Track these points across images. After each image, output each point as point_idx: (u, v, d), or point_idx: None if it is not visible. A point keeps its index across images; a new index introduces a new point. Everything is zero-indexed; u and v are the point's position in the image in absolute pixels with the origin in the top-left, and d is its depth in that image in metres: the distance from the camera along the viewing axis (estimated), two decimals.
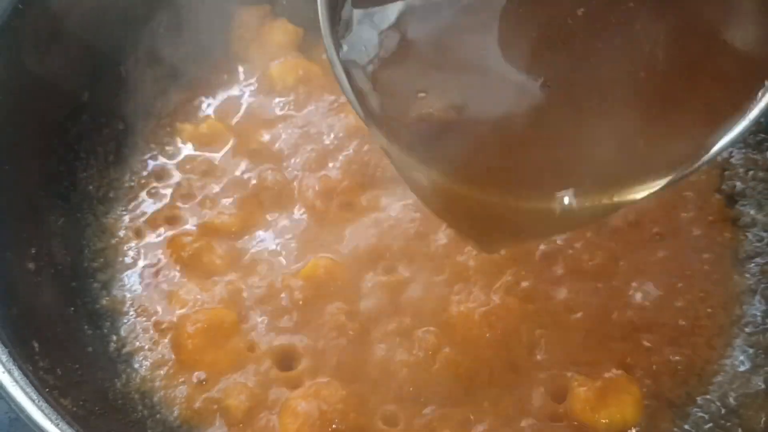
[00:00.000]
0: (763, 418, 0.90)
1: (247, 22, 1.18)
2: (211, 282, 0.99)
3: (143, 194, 1.08)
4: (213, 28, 1.18)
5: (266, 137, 1.10)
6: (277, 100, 1.13)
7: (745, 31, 0.69)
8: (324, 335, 0.93)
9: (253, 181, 1.06)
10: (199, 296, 0.98)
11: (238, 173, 1.08)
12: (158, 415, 0.93)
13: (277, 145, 1.09)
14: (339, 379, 0.89)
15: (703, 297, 0.98)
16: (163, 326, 0.97)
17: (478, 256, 0.95)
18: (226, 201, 1.06)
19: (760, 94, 0.66)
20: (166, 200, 1.07)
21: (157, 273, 1.02)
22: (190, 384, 0.93)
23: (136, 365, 0.96)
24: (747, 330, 0.97)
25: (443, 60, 0.71)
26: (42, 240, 0.97)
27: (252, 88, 1.15)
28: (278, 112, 1.12)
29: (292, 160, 1.07)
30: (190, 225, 1.05)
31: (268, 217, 1.04)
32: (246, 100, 1.14)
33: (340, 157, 1.06)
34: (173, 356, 0.95)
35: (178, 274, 1.01)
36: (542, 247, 0.97)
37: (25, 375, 0.77)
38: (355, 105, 0.67)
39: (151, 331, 0.97)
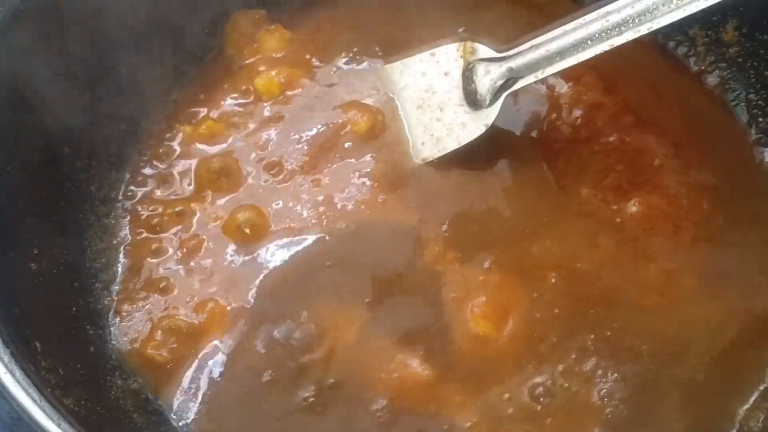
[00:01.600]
0: (761, 417, 0.90)
1: (242, 26, 1.18)
2: (212, 278, 1.00)
3: (144, 194, 1.08)
4: (211, 30, 1.18)
5: (263, 139, 1.10)
6: (267, 105, 1.13)
7: None
8: None
9: (251, 181, 1.07)
10: (200, 296, 0.99)
11: (236, 172, 1.07)
12: (158, 415, 0.94)
13: (271, 147, 1.09)
14: None
15: None
16: (165, 325, 0.97)
17: None
18: (226, 200, 1.06)
19: None
20: (167, 200, 1.07)
21: (158, 272, 1.02)
22: None
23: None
24: None
25: None
26: (44, 240, 0.97)
27: (245, 92, 1.14)
28: (270, 116, 1.12)
29: (288, 162, 1.07)
30: (191, 224, 1.05)
31: (268, 212, 1.04)
32: (241, 104, 1.14)
33: (334, 158, 1.07)
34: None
35: (179, 273, 1.01)
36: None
37: (27, 375, 0.78)
38: None
39: (153, 331, 0.98)
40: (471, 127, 1.03)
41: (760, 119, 1.09)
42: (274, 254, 1.01)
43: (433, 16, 1.18)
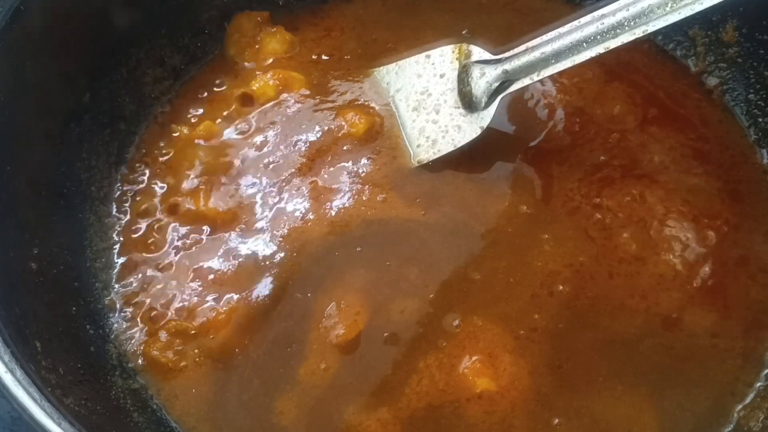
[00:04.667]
0: (761, 417, 0.91)
1: (244, 27, 1.18)
2: (215, 278, 1.00)
3: (144, 194, 1.09)
4: (213, 31, 1.19)
5: (260, 140, 1.10)
6: (265, 106, 1.13)
7: None
8: None
9: (251, 179, 1.07)
10: (203, 297, 0.99)
11: (233, 173, 1.08)
12: (159, 415, 0.94)
13: (269, 149, 1.09)
14: None
15: None
16: (170, 327, 0.98)
17: None
18: (225, 200, 1.06)
19: None
20: (167, 200, 1.08)
21: (158, 272, 1.03)
22: None
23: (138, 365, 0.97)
24: None
25: None
26: (44, 240, 0.97)
27: (245, 93, 1.15)
28: (269, 118, 1.12)
29: (286, 164, 1.08)
30: (192, 223, 1.05)
31: (265, 213, 1.05)
32: (241, 105, 1.14)
33: (332, 160, 1.07)
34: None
35: (180, 274, 1.02)
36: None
37: (28, 374, 0.78)
38: None
39: (157, 332, 0.98)
40: (466, 129, 1.03)
41: (760, 119, 1.09)
42: (277, 254, 1.01)
43: (436, 19, 1.18)
